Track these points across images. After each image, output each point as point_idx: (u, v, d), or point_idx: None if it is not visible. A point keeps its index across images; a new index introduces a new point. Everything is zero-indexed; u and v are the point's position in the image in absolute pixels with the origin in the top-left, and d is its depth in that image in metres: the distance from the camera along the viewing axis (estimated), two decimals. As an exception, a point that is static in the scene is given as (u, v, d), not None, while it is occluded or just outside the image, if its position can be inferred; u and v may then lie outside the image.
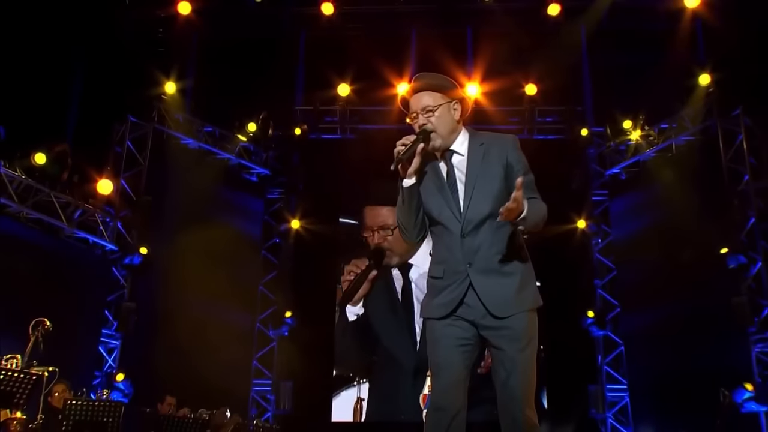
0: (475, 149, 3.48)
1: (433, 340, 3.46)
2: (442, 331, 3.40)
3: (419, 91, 3.54)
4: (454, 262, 3.41)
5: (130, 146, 11.23)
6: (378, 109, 12.66)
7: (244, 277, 12.04)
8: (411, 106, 3.56)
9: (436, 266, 3.52)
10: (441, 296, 3.41)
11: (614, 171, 12.47)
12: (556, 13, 11.99)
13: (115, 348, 10.57)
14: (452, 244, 3.42)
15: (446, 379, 3.34)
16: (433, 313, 3.42)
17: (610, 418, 11.53)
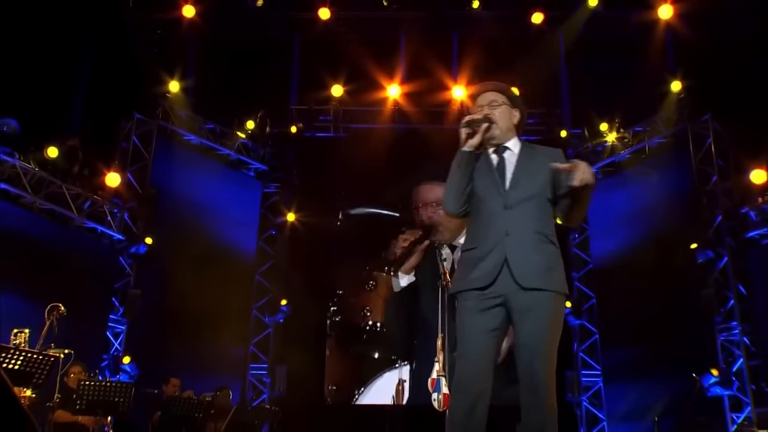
0: (525, 150, 3.71)
1: (463, 326, 3.51)
2: (473, 318, 3.49)
3: (490, 90, 3.78)
4: (492, 233, 3.53)
5: (135, 142, 11.36)
6: (369, 110, 12.81)
7: (241, 267, 12.19)
8: (479, 100, 3.79)
9: (472, 239, 3.62)
10: (478, 269, 3.51)
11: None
12: (539, 22, 12.18)
13: (121, 332, 10.71)
14: (492, 217, 3.56)
15: (475, 366, 3.43)
16: (472, 284, 3.51)
17: (584, 402, 11.80)
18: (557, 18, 12.35)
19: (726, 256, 10.66)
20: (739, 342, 10.41)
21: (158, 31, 11.97)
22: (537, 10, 12.14)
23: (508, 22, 12.50)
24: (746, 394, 10.16)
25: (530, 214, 3.56)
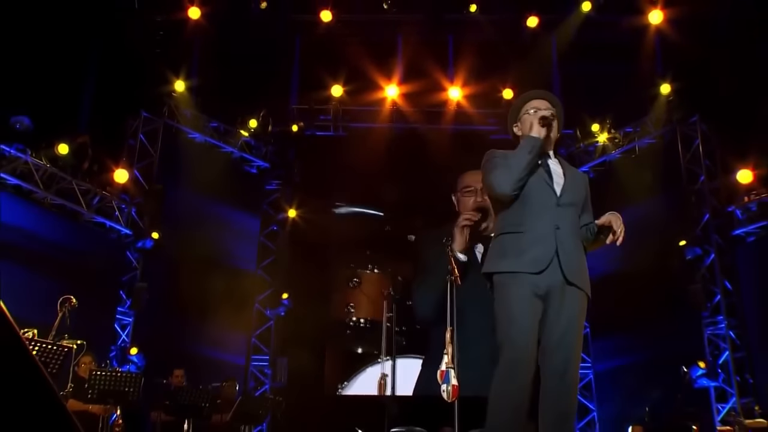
0: (563, 162, 3.87)
1: (514, 310, 3.52)
2: (526, 304, 3.51)
3: (549, 101, 3.94)
4: (543, 224, 3.61)
5: (142, 139, 11.43)
6: (368, 109, 12.87)
7: (243, 261, 12.26)
8: (539, 104, 3.91)
9: (517, 224, 3.64)
10: (529, 253, 3.55)
11: (583, 169, 12.76)
12: (534, 25, 12.25)
13: (128, 324, 10.78)
14: (544, 209, 3.65)
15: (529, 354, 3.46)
16: (527, 266, 3.54)
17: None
18: (551, 21, 12.41)
19: (713, 253, 10.78)
20: (725, 335, 10.54)
21: (160, 32, 11.95)
22: (532, 14, 12.20)
23: (503, 26, 12.54)
24: (731, 386, 10.29)
25: (574, 218, 3.70)
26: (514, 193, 3.68)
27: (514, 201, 3.71)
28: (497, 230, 3.81)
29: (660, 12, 11.69)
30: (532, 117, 3.83)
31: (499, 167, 3.75)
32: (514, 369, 3.45)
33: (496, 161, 3.80)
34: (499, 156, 3.85)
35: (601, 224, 3.79)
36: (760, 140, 10.54)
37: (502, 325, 3.56)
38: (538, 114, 3.80)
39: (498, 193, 3.73)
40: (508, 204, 3.75)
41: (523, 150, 3.71)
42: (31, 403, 3.03)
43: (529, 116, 3.89)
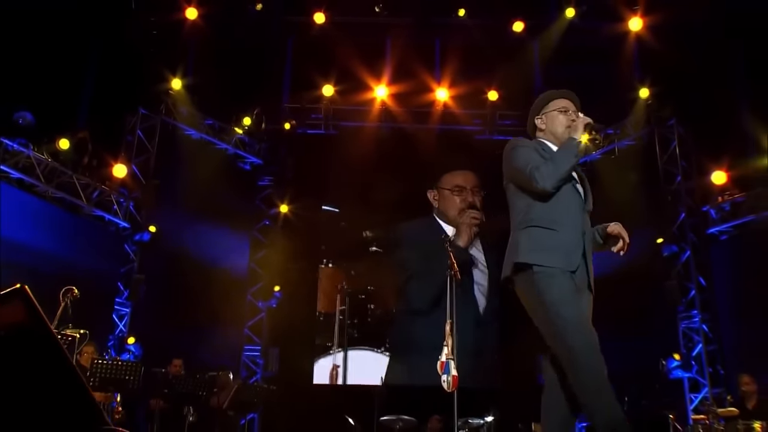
0: (578, 170, 3.95)
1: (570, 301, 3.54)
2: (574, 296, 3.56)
3: (574, 101, 4.11)
4: (575, 227, 3.66)
5: (140, 135, 11.44)
6: (358, 109, 12.91)
7: (236, 254, 12.29)
8: (568, 105, 4.08)
9: (549, 221, 3.64)
10: (567, 251, 3.60)
11: (564, 170, 12.92)
12: (520, 30, 12.36)
13: (125, 315, 10.79)
14: (576, 212, 3.71)
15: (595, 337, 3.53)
16: (571, 264, 3.59)
17: (556, 384, 12.04)
18: (536, 26, 12.52)
19: (688, 251, 10.96)
20: (698, 329, 10.71)
21: (153, 32, 11.90)
22: (518, 19, 12.30)
23: (489, 30, 12.59)
24: (704, 377, 10.47)
25: (590, 225, 3.80)
26: (553, 191, 3.69)
27: (547, 197, 3.70)
28: (523, 222, 3.77)
29: (639, 19, 11.83)
30: (567, 118, 3.95)
31: (539, 161, 3.71)
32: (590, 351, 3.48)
33: (532, 155, 3.78)
34: (530, 147, 3.86)
35: (609, 233, 3.86)
36: (733, 144, 10.72)
37: (553, 315, 3.53)
38: (576, 117, 3.92)
39: (540, 187, 3.67)
40: (538, 198, 3.73)
41: (570, 152, 3.73)
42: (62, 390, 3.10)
43: (560, 115, 3.99)
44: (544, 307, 3.57)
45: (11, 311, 3.16)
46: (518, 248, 3.70)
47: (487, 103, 12.74)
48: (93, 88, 11.01)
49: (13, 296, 3.19)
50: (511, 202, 3.94)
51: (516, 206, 3.87)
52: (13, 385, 3.04)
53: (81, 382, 3.28)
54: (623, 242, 3.83)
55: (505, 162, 3.94)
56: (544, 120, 4.07)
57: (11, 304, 3.17)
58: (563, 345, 3.51)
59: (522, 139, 4.00)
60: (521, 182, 3.80)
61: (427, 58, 12.94)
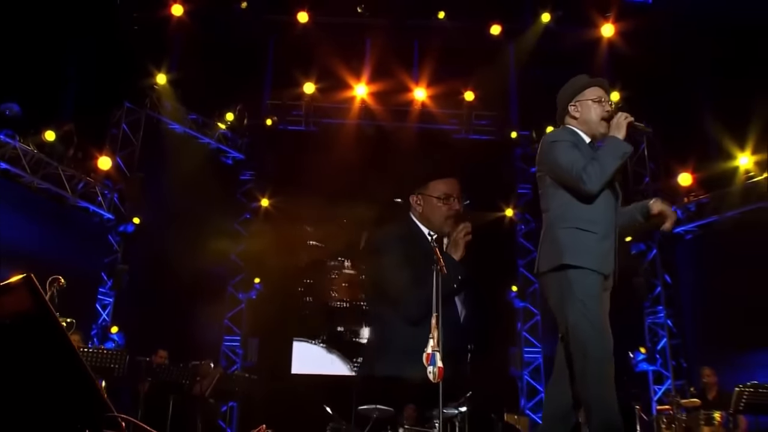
0: None
1: (597, 313, 3.55)
2: (601, 307, 3.58)
3: (606, 89, 3.96)
4: (610, 227, 3.61)
5: (125, 129, 11.38)
6: (338, 107, 12.95)
7: (218, 247, 12.25)
8: (602, 94, 3.91)
9: (590, 223, 3.58)
10: (606, 254, 3.59)
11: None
12: (497, 33, 12.46)
13: (108, 304, 10.77)
14: (611, 211, 3.66)
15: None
16: (607, 268, 3.60)
17: (526, 376, 12.22)
18: (513, 30, 12.63)
19: (655, 249, 11.17)
20: (663, 324, 10.94)
21: (135, 27, 11.83)
22: (495, 23, 12.40)
23: (467, 32, 12.69)
24: (668, 369, 10.70)
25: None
26: (598, 193, 3.58)
27: (590, 198, 3.60)
28: (562, 219, 3.68)
29: (612, 25, 11.99)
30: (602, 108, 3.80)
31: (582, 159, 3.61)
32: (605, 356, 3.50)
33: (575, 152, 3.63)
34: (569, 142, 3.70)
35: (653, 211, 3.81)
36: (699, 147, 10.92)
37: (579, 315, 3.52)
38: (609, 107, 3.80)
39: (587, 189, 3.55)
40: (578, 197, 3.64)
41: (617, 153, 3.63)
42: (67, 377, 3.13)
43: (596, 105, 3.82)
44: (572, 304, 3.55)
45: (18, 300, 3.18)
46: (560, 249, 3.61)
47: (464, 104, 12.83)
48: (79, 82, 10.92)
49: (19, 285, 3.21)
50: (548, 193, 3.80)
51: (553, 199, 3.76)
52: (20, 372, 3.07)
53: (85, 369, 3.31)
54: (670, 220, 3.80)
55: (545, 155, 3.80)
56: (578, 108, 3.90)
57: (18, 293, 3.20)
58: (581, 344, 3.52)
59: (557, 132, 3.87)
60: (565, 181, 3.66)
61: (406, 58, 13.01)
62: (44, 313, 3.26)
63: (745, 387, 7.57)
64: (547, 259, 3.65)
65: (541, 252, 3.74)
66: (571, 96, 3.96)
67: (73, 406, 3.14)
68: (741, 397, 7.54)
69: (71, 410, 3.12)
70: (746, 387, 7.57)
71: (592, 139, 3.83)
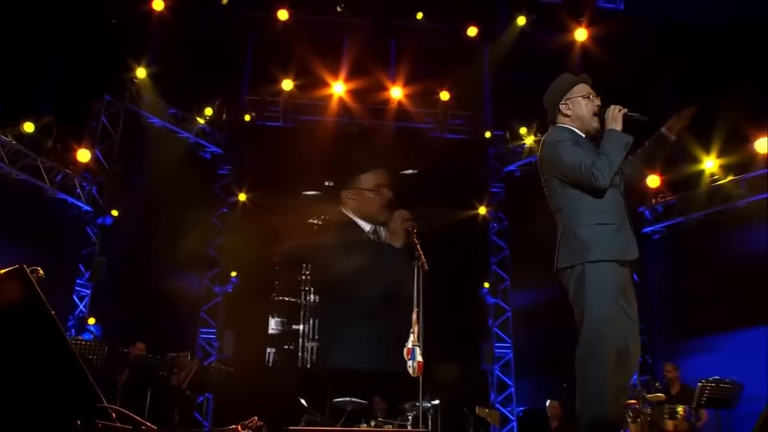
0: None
1: (612, 311, 3.52)
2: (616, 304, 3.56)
3: (590, 84, 4.00)
4: (623, 215, 3.66)
5: (104, 122, 11.25)
6: (316, 104, 12.93)
7: (196, 240, 12.19)
8: (589, 90, 3.99)
9: (604, 215, 3.61)
10: (628, 241, 3.62)
11: (510, 168, 13.17)
12: (474, 35, 12.53)
13: (86, 296, 10.66)
14: (619, 199, 3.69)
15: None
16: (630, 255, 3.62)
17: (497, 370, 12.33)
18: (489, 32, 12.71)
19: (624, 248, 11.28)
20: (631, 321, 11.05)
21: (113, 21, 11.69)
22: (472, 24, 12.47)
23: (444, 33, 12.75)
24: (635, 365, 10.82)
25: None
26: (609, 186, 3.62)
27: (600, 191, 3.64)
28: (579, 218, 3.70)
29: (584, 30, 12.10)
30: (592, 104, 3.87)
31: (588, 156, 3.66)
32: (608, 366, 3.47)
33: (579, 150, 3.69)
34: (570, 140, 3.77)
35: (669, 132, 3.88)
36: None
37: (593, 320, 3.52)
38: (598, 101, 3.87)
39: (599, 184, 3.59)
40: (588, 191, 3.67)
41: (619, 145, 3.66)
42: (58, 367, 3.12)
43: (586, 101, 3.89)
44: (587, 297, 3.57)
45: (10, 290, 3.17)
46: (582, 246, 3.64)
47: (439, 103, 12.89)
48: (59, 74, 10.80)
49: (12, 275, 3.19)
50: (557, 193, 3.84)
51: (564, 199, 3.79)
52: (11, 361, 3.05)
53: (77, 360, 3.30)
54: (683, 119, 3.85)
55: (549, 158, 3.86)
56: (569, 106, 3.94)
57: (11, 283, 3.18)
58: (588, 340, 3.55)
59: (555, 132, 3.92)
60: (576, 179, 3.69)
61: (383, 57, 13.06)
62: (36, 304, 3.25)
63: (708, 382, 7.76)
64: (569, 256, 3.69)
65: (561, 249, 3.78)
66: (560, 95, 3.99)
67: (65, 396, 3.14)
68: (703, 392, 7.73)
69: (63, 400, 3.11)
70: (708, 382, 7.76)
71: (586, 134, 3.88)
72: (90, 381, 3.29)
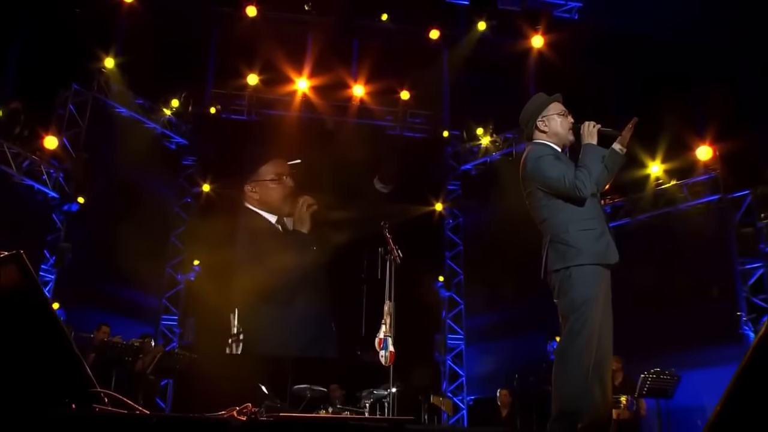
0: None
1: (597, 312, 3.69)
2: (605, 296, 3.72)
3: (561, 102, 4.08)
4: (603, 220, 3.81)
5: (72, 110, 11.03)
6: (279, 99, 12.91)
7: (159, 229, 12.08)
8: (562, 108, 4.11)
9: (587, 221, 3.78)
10: (610, 245, 3.77)
11: (467, 167, 13.32)
12: (436, 37, 12.64)
13: (50, 281, 10.45)
14: (599, 206, 3.85)
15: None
16: (612, 257, 3.78)
17: (449, 361, 12.47)
18: (451, 36, 12.82)
19: (572, 247, 11.51)
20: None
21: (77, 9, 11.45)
22: (434, 27, 12.56)
23: (405, 35, 12.81)
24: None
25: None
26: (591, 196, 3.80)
27: (582, 201, 3.80)
28: (564, 226, 3.83)
29: (541, 37, 12.30)
30: (567, 121, 4.02)
31: (569, 169, 3.80)
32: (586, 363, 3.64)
33: (560, 164, 3.84)
34: (551, 155, 3.91)
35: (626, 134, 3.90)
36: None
37: (579, 317, 3.69)
38: (572, 118, 4.01)
39: (582, 195, 3.75)
40: (571, 201, 3.82)
41: (597, 158, 3.81)
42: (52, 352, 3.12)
43: (561, 118, 4.04)
44: (572, 298, 3.74)
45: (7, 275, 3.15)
46: (568, 252, 3.78)
47: (400, 103, 12.98)
48: (27, 61, 10.55)
49: (9, 261, 3.17)
50: (541, 205, 3.97)
51: (549, 210, 3.93)
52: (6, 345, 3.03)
53: (71, 345, 3.29)
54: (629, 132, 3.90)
55: (532, 172, 3.98)
56: (546, 123, 4.07)
57: (7, 268, 3.16)
58: (570, 337, 3.72)
59: (536, 148, 4.04)
60: (559, 191, 3.84)
61: (345, 56, 13.11)
62: (33, 289, 3.23)
63: (650, 373, 8.00)
64: (558, 260, 3.83)
65: (549, 254, 3.92)
66: (536, 113, 4.13)
67: (60, 381, 3.13)
68: (645, 383, 7.96)
69: (59, 385, 3.11)
70: (650, 373, 8.00)
71: (562, 149, 4.04)
72: (84, 366, 3.29)
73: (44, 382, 3.06)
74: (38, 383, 3.03)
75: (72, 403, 2.97)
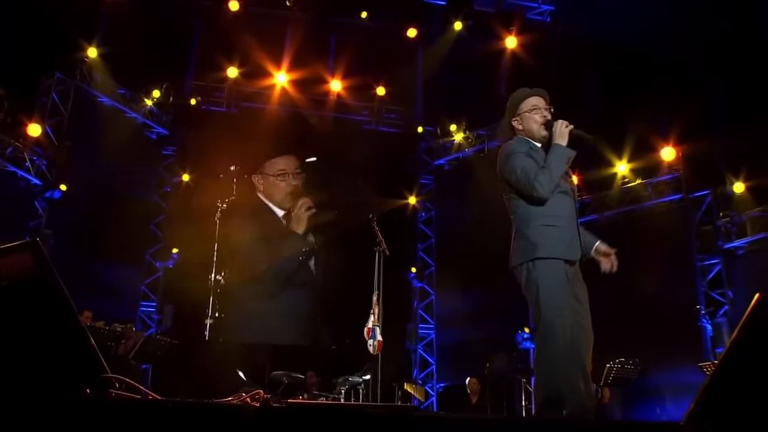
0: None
1: (565, 290, 3.72)
2: (569, 288, 3.74)
3: (544, 96, 4.12)
4: (570, 216, 3.84)
5: (54, 98, 10.88)
6: (258, 92, 12.88)
7: (139, 217, 11.99)
8: (538, 102, 4.07)
9: (553, 217, 3.81)
10: (574, 244, 3.80)
11: (440, 162, 13.43)
12: (413, 36, 12.70)
13: (31, 267, 10.33)
14: (569, 203, 3.87)
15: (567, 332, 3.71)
16: (575, 255, 3.81)
17: (420, 349, 12.60)
18: (428, 34, 12.88)
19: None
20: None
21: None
22: (411, 26, 12.62)
23: (382, 32, 12.84)
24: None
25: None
26: (550, 196, 3.81)
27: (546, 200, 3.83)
28: (528, 221, 3.87)
29: (515, 38, 12.43)
30: (540, 115, 3.99)
31: (535, 168, 3.81)
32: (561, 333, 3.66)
33: (527, 162, 3.84)
34: (522, 152, 3.90)
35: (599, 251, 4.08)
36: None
37: (543, 297, 3.72)
38: (547, 113, 4.00)
39: (540, 195, 3.78)
40: (531, 201, 3.85)
41: (560, 159, 3.83)
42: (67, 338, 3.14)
43: (533, 114, 4.02)
44: (538, 290, 3.77)
45: (22, 262, 3.16)
46: (531, 245, 3.84)
47: (376, 98, 13.03)
48: (10, 49, 10.36)
49: (24, 248, 3.18)
50: (511, 198, 4.03)
51: (518, 203, 3.98)
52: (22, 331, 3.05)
53: (84, 331, 3.31)
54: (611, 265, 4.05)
55: (502, 167, 4.01)
56: (519, 121, 4.10)
57: (23, 255, 3.17)
58: (543, 327, 3.73)
59: (513, 144, 4.05)
60: (520, 190, 3.90)
61: (323, 51, 13.10)
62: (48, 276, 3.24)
63: (615, 363, 8.19)
64: (519, 255, 3.90)
65: (514, 249, 3.98)
66: (513, 111, 4.15)
67: (74, 366, 3.15)
68: (610, 373, 8.15)
69: (73, 370, 3.13)
70: (615, 363, 8.19)
71: (540, 145, 4.04)
72: (96, 352, 3.31)
73: (60, 368, 3.08)
74: (54, 369, 3.04)
75: (86, 388, 2.99)
